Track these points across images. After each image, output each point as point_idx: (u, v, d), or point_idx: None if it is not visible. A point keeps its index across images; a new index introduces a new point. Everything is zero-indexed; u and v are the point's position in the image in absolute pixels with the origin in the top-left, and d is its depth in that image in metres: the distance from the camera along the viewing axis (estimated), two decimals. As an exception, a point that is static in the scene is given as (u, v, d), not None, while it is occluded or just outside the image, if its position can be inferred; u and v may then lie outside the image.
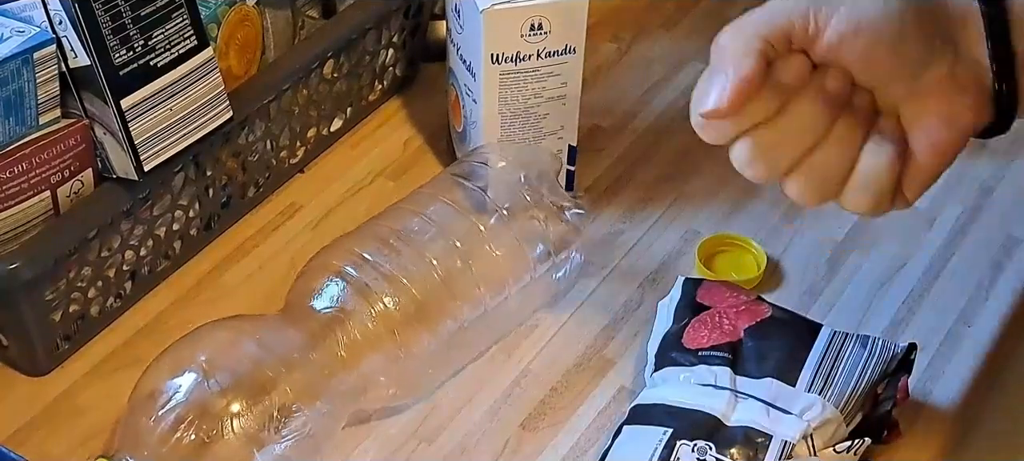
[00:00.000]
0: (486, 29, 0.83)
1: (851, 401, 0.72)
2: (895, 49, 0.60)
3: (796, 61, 0.60)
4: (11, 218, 0.76)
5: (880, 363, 0.74)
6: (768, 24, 0.60)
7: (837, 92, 0.60)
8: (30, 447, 0.74)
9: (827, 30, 0.59)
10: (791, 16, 0.59)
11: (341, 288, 0.74)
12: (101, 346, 0.81)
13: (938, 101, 0.60)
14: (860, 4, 0.59)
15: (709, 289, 0.79)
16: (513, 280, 0.79)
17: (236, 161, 0.88)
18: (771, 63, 0.60)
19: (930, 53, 0.60)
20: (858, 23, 0.59)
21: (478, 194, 0.80)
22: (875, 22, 0.59)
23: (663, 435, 0.71)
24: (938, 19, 0.60)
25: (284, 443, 0.69)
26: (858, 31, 0.59)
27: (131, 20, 0.74)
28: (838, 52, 0.60)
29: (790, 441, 0.70)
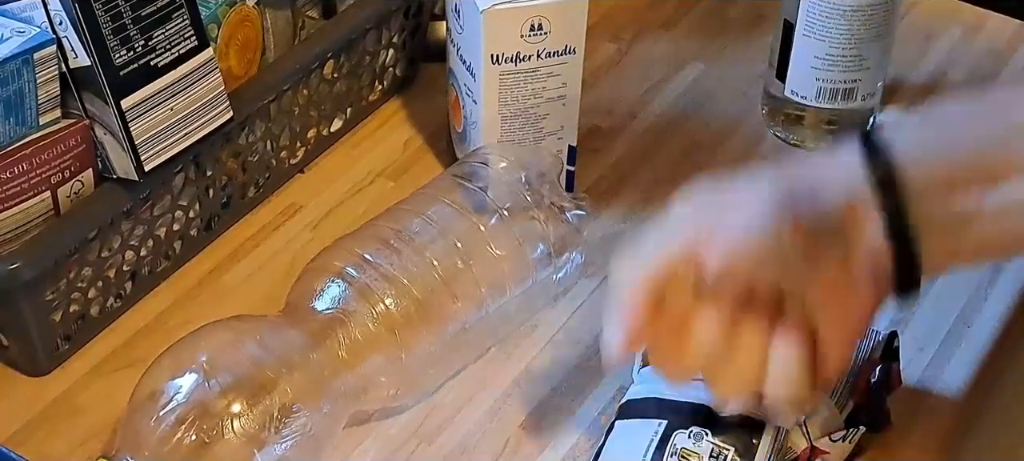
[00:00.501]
0: (486, 29, 0.83)
1: (839, 386, 0.72)
2: (780, 264, 0.60)
3: (683, 295, 0.61)
4: (11, 218, 0.76)
5: (863, 349, 0.74)
6: (653, 265, 0.61)
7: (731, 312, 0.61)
8: (30, 447, 0.74)
9: (707, 266, 0.60)
10: (673, 256, 0.61)
11: (342, 289, 0.74)
12: (101, 346, 0.81)
13: (837, 291, 0.61)
14: (735, 233, 0.60)
15: None
16: (513, 281, 0.79)
17: (236, 161, 0.88)
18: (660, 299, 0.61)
19: (819, 254, 0.60)
20: (737, 254, 0.60)
21: (479, 195, 0.80)
22: (754, 248, 0.60)
23: (658, 427, 0.71)
24: (822, 219, 0.59)
25: (284, 443, 0.69)
26: (739, 261, 0.60)
27: (131, 20, 0.74)
28: (721, 281, 0.61)
29: (784, 428, 0.70)
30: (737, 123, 1.00)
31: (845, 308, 0.61)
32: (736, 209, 0.60)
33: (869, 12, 0.91)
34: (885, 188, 0.59)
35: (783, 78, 0.95)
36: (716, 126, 1.00)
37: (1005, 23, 1.11)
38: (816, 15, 0.91)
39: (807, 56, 0.93)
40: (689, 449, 0.70)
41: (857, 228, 0.59)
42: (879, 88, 0.96)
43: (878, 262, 0.60)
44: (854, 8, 0.90)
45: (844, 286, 0.60)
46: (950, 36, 1.10)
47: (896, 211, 0.59)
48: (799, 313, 0.61)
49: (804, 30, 0.92)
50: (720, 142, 0.99)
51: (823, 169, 0.61)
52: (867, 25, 0.91)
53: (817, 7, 0.91)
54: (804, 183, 0.60)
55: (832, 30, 0.91)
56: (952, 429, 0.77)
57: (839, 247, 0.60)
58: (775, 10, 0.95)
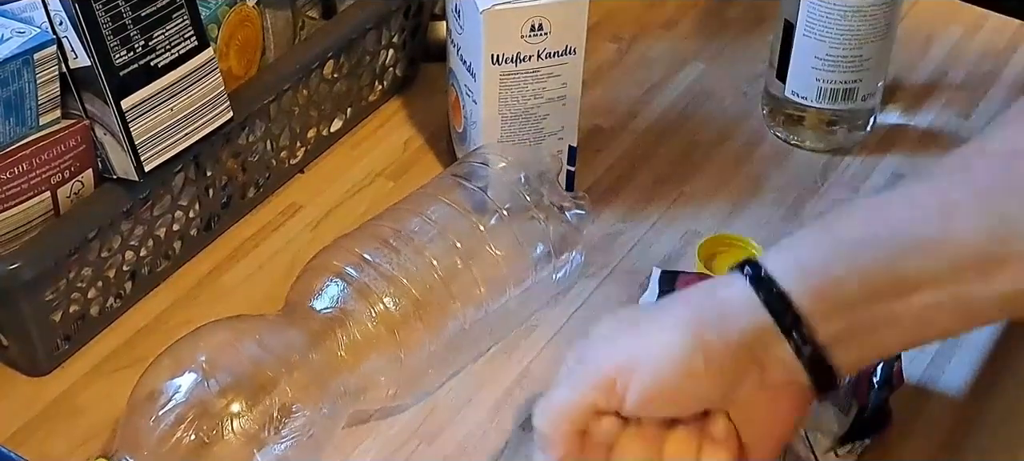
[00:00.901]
0: (486, 29, 0.83)
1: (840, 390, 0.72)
2: (695, 398, 0.62)
3: (606, 422, 0.63)
4: (11, 218, 0.76)
5: None
6: (573, 410, 0.63)
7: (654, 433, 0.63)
8: (30, 447, 0.74)
9: (626, 403, 0.62)
10: (591, 400, 0.63)
11: (341, 288, 0.74)
12: (101, 346, 0.81)
13: (756, 410, 0.63)
14: (650, 371, 0.62)
15: (688, 282, 0.80)
16: (513, 281, 0.79)
17: (236, 161, 0.88)
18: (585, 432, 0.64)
19: (734, 381, 0.62)
20: (651, 391, 0.62)
21: (478, 194, 0.80)
22: (667, 384, 0.62)
23: None
24: (731, 352, 0.61)
25: (284, 443, 0.69)
26: (653, 398, 0.62)
27: (131, 21, 0.74)
28: (641, 414, 0.63)
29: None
30: (737, 123, 1.00)
31: (767, 422, 0.63)
32: (650, 351, 0.62)
33: (869, 12, 0.91)
34: (783, 316, 0.60)
35: (783, 78, 0.95)
36: (716, 126, 1.00)
37: (1005, 23, 1.11)
38: (816, 15, 0.91)
39: (807, 56, 0.93)
40: None
41: (767, 350, 0.61)
42: (879, 88, 0.96)
43: (794, 377, 0.61)
44: (854, 8, 0.90)
45: (764, 402, 0.62)
46: (950, 36, 1.10)
47: (800, 334, 0.60)
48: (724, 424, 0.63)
49: (804, 30, 0.92)
50: (720, 142, 0.99)
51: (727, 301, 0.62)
52: (867, 25, 0.91)
53: (817, 7, 0.91)
54: (711, 317, 0.62)
55: (832, 30, 0.91)
56: (952, 429, 0.77)
57: (754, 371, 0.61)
58: (775, 10, 0.95)
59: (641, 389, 0.62)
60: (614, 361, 0.63)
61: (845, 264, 0.61)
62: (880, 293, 0.60)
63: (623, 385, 0.62)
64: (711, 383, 0.61)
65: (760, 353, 0.61)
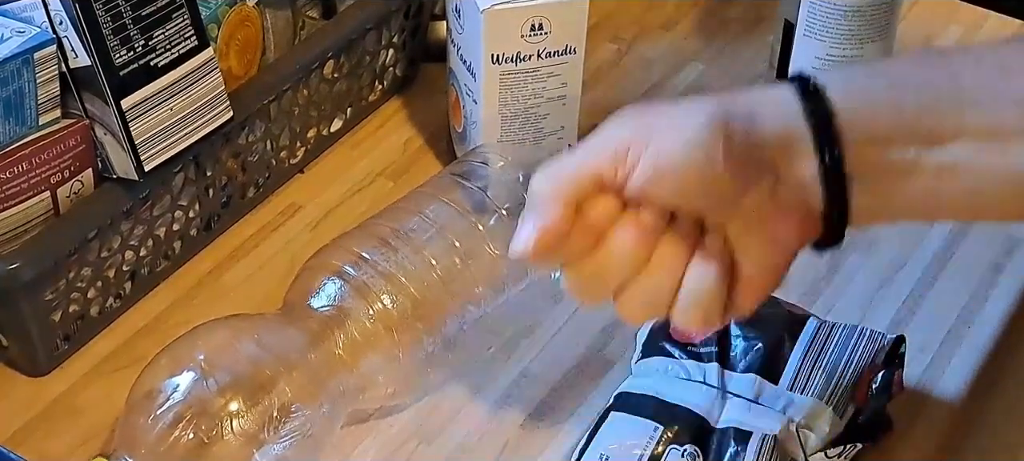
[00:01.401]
0: (486, 29, 0.83)
1: (838, 391, 0.72)
2: (702, 186, 0.59)
3: (603, 203, 0.60)
4: (11, 218, 0.76)
5: (866, 354, 0.74)
6: (574, 172, 0.60)
7: (654, 224, 0.60)
8: (30, 447, 0.74)
9: (632, 176, 0.59)
10: (599, 165, 0.60)
11: (340, 287, 0.74)
12: (101, 346, 0.81)
13: (761, 225, 0.60)
14: (665, 146, 0.58)
15: None
16: (512, 280, 0.79)
17: (236, 161, 0.88)
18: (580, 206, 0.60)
19: (746, 182, 0.58)
20: (662, 167, 0.58)
21: (477, 194, 0.80)
22: (679, 163, 0.58)
23: (654, 431, 0.71)
24: (754, 148, 0.58)
25: (283, 443, 0.69)
26: (662, 175, 0.59)
27: (131, 20, 0.74)
28: (645, 194, 0.59)
29: (770, 434, 0.70)
30: (737, 123, 1.00)
31: (768, 241, 0.60)
32: (670, 127, 0.59)
33: (869, 13, 0.91)
34: (822, 131, 0.58)
35: (783, 78, 0.95)
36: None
37: (1005, 23, 1.11)
38: (816, 16, 0.91)
39: (807, 57, 0.93)
40: None
41: (790, 162, 0.58)
42: (879, 88, 0.96)
43: (807, 201, 0.59)
44: (854, 9, 0.90)
45: (769, 218, 0.59)
46: (950, 36, 1.10)
47: (831, 154, 0.58)
48: (719, 243, 0.60)
49: (804, 30, 0.92)
50: (720, 142, 0.98)
51: (762, 101, 0.59)
52: (867, 26, 0.91)
53: (817, 7, 0.91)
54: (742, 110, 0.59)
55: (832, 31, 0.91)
56: (952, 430, 0.77)
57: (769, 178, 0.58)
58: (775, 10, 0.95)
59: (654, 161, 0.58)
60: (628, 131, 0.59)
61: (893, 99, 0.58)
62: (919, 134, 0.57)
63: (635, 155, 0.58)
64: (725, 174, 0.58)
65: (782, 162, 0.58)
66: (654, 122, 0.60)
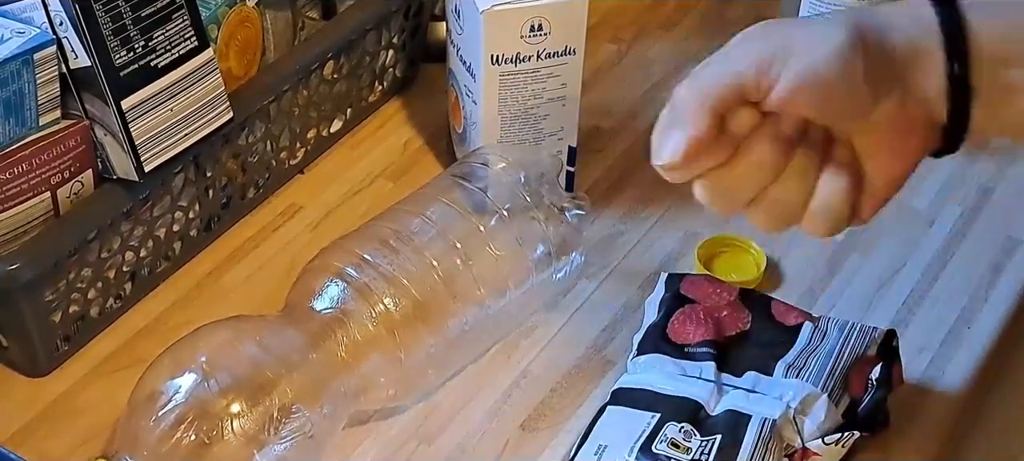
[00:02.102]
0: (486, 30, 0.83)
1: (832, 379, 0.73)
2: (843, 97, 0.61)
3: (746, 114, 0.62)
4: (11, 219, 0.76)
5: (858, 345, 0.75)
6: (719, 83, 0.62)
7: (789, 135, 0.62)
8: (30, 447, 0.74)
9: (776, 88, 0.61)
10: (742, 76, 0.61)
11: (341, 289, 0.74)
12: (101, 347, 0.81)
13: (889, 135, 0.62)
14: (807, 59, 0.60)
15: (693, 283, 0.80)
16: (513, 281, 0.79)
17: (236, 162, 0.88)
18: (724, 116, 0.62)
19: (878, 94, 0.61)
20: (805, 79, 0.60)
21: (478, 195, 0.80)
22: (822, 76, 0.60)
23: (651, 419, 0.72)
24: (886, 61, 0.61)
25: (284, 444, 0.69)
26: (805, 87, 0.60)
27: (131, 21, 0.74)
28: (787, 105, 0.61)
29: (770, 418, 0.71)
30: (737, 123, 1.00)
31: (894, 151, 0.63)
32: (810, 41, 0.61)
33: (869, 12, 0.91)
34: (953, 44, 0.60)
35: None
36: (716, 126, 1.00)
37: (1005, 23, 1.11)
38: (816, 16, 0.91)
39: (807, 56, 0.93)
40: (678, 440, 0.71)
41: (918, 76, 0.61)
42: (879, 88, 0.96)
43: (931, 112, 0.61)
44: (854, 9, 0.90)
45: (897, 129, 0.62)
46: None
47: (960, 68, 0.60)
48: (847, 153, 0.62)
49: (804, 30, 0.92)
50: (720, 142, 0.98)
51: (896, 12, 0.61)
52: (867, 25, 0.91)
53: (817, 8, 0.91)
54: (873, 22, 0.61)
55: (832, 30, 0.91)
56: (952, 429, 0.77)
57: (898, 90, 0.61)
58: (775, 10, 0.95)
59: (796, 74, 0.60)
60: (770, 44, 0.61)
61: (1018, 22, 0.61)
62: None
63: (777, 69, 0.60)
64: (863, 86, 0.60)
65: (912, 73, 0.61)
66: (794, 35, 0.61)
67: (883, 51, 0.60)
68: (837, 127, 0.63)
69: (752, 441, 0.71)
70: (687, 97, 0.62)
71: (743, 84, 0.61)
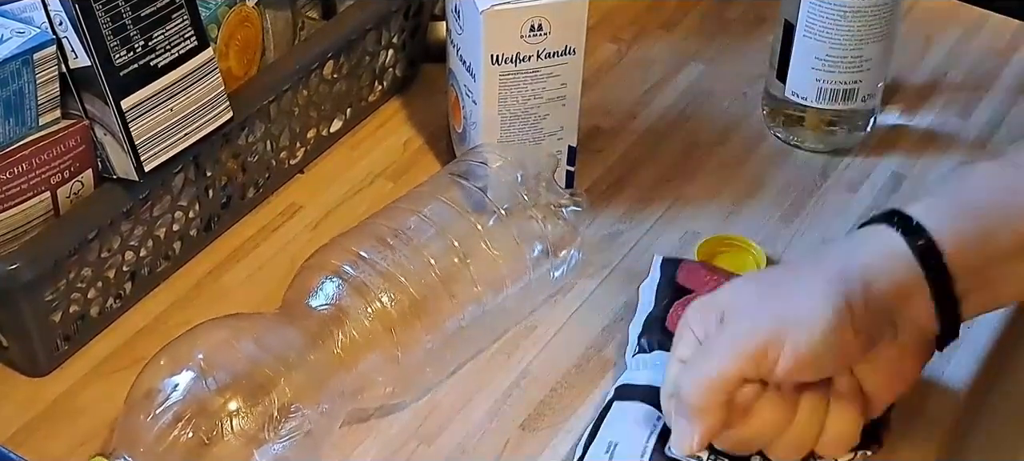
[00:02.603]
0: (486, 30, 0.83)
1: None
2: (840, 361, 0.65)
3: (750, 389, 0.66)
4: (11, 219, 0.76)
5: None
6: (722, 378, 0.65)
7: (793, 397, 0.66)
8: (30, 447, 0.74)
9: (776, 370, 0.64)
10: (743, 369, 0.65)
11: (338, 287, 0.74)
12: (101, 347, 0.81)
13: (886, 365, 0.66)
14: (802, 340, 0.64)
15: (689, 270, 0.80)
16: (511, 279, 0.79)
17: (236, 162, 0.88)
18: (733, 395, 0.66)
19: (873, 343, 0.65)
20: (802, 359, 0.64)
21: (476, 193, 0.80)
22: (818, 353, 0.64)
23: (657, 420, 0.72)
24: (875, 314, 0.64)
25: (283, 442, 0.69)
26: (804, 365, 0.64)
27: (131, 21, 0.74)
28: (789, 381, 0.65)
29: None
30: (737, 123, 1.00)
31: (893, 377, 0.67)
32: (800, 320, 0.64)
33: (870, 13, 0.91)
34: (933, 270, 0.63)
35: (783, 79, 0.95)
36: (716, 126, 1.00)
37: (1005, 23, 1.11)
38: (816, 16, 0.91)
39: (807, 57, 0.93)
40: None
41: (907, 315, 0.64)
42: (879, 89, 0.96)
43: (925, 334, 0.65)
44: (855, 9, 0.90)
45: (894, 361, 0.65)
46: (950, 36, 1.10)
47: (944, 289, 0.63)
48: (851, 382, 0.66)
49: (804, 31, 0.92)
50: (720, 142, 0.99)
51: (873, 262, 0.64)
52: (868, 26, 0.91)
53: (817, 8, 0.91)
54: (856, 278, 0.64)
55: (833, 31, 0.91)
56: (953, 429, 0.77)
57: (890, 329, 0.64)
58: (775, 10, 0.95)
59: (794, 358, 0.63)
60: (764, 330, 0.64)
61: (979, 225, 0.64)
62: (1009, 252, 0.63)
63: (774, 354, 0.64)
64: (857, 346, 0.63)
65: (902, 314, 0.64)
66: (785, 315, 0.65)
67: (870, 306, 0.63)
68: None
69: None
70: (696, 396, 0.66)
71: (744, 375, 0.65)
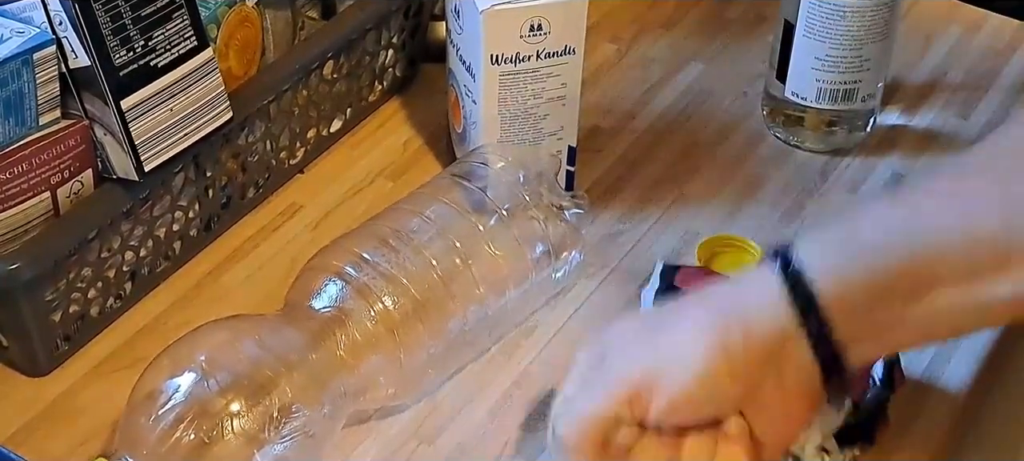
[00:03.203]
0: (486, 30, 0.83)
1: None
2: (718, 404, 0.63)
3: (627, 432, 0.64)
4: (11, 219, 0.76)
5: None
6: (593, 418, 0.64)
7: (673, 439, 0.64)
8: (30, 447, 0.74)
9: (650, 412, 0.63)
10: (616, 410, 0.64)
11: (341, 288, 0.74)
12: (101, 346, 0.81)
13: (772, 409, 0.64)
14: (675, 383, 0.62)
15: (687, 274, 0.80)
16: (513, 281, 0.79)
17: (236, 162, 0.88)
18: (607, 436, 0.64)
19: (753, 385, 0.63)
20: (675, 402, 0.63)
21: (478, 194, 0.80)
22: (692, 396, 0.62)
23: None
24: (755, 355, 0.62)
25: (284, 443, 0.69)
26: (677, 408, 0.63)
27: (131, 21, 0.74)
28: (664, 423, 0.64)
29: None
30: (737, 123, 1.00)
31: (781, 424, 0.64)
32: (674, 361, 0.63)
33: (870, 13, 0.91)
34: (808, 316, 0.61)
35: (783, 78, 0.95)
36: (716, 126, 1.00)
37: (1005, 23, 1.11)
38: (816, 16, 0.91)
39: (807, 57, 0.93)
40: None
41: (787, 354, 0.62)
42: (879, 88, 0.96)
43: (809, 379, 0.62)
44: (854, 9, 0.90)
45: (780, 401, 0.63)
46: (950, 36, 1.10)
47: (821, 335, 0.61)
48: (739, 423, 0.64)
49: (804, 31, 0.92)
50: (720, 142, 0.99)
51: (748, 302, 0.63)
52: (868, 26, 0.91)
53: (817, 8, 0.91)
54: (735, 320, 0.62)
55: (832, 31, 0.91)
56: (952, 429, 0.77)
57: (772, 374, 0.62)
58: (775, 10, 0.95)
59: (667, 400, 0.62)
60: (637, 371, 0.63)
61: (867, 267, 0.61)
62: (899, 294, 0.61)
63: (647, 397, 0.63)
64: (734, 390, 0.62)
65: (779, 356, 0.62)
66: (659, 353, 0.64)
67: (748, 350, 0.62)
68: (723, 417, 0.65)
69: None
70: (569, 434, 0.65)
71: (618, 416, 0.64)
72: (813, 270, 0.61)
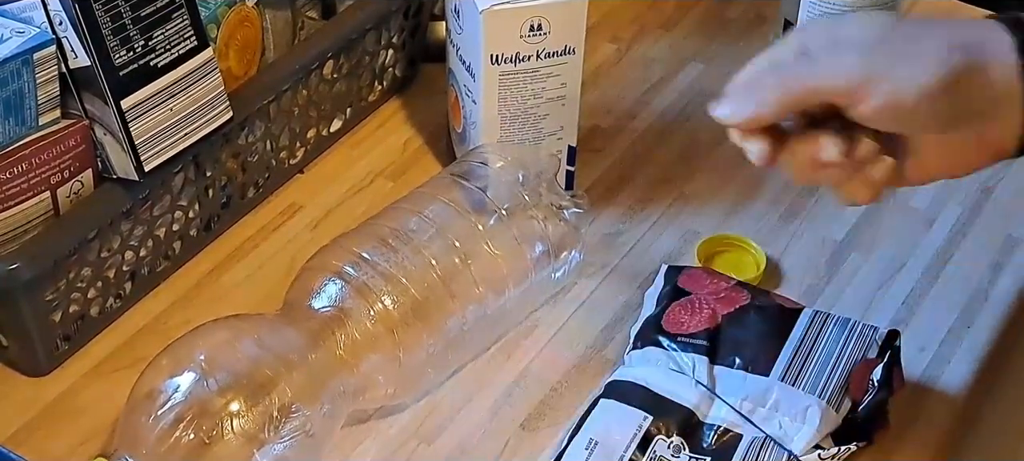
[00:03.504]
0: (486, 30, 0.83)
1: (831, 385, 0.73)
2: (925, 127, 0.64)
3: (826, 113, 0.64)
4: (11, 219, 0.76)
5: (859, 348, 0.75)
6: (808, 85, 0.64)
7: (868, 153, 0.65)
8: (30, 447, 0.74)
9: (862, 106, 0.63)
10: (835, 87, 0.64)
11: (340, 288, 0.74)
12: (101, 346, 0.81)
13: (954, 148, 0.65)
14: (901, 89, 0.63)
15: (691, 275, 0.80)
16: (512, 280, 0.79)
17: (236, 161, 0.88)
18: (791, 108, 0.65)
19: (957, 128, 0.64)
20: (895, 108, 0.63)
21: (477, 194, 0.80)
22: (910, 107, 0.63)
23: (643, 421, 0.73)
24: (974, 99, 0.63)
25: (283, 443, 0.69)
26: (892, 114, 0.63)
27: (131, 21, 0.74)
28: (871, 123, 0.64)
29: (758, 438, 0.72)
30: (737, 123, 1.00)
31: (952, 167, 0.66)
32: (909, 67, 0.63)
33: (869, 12, 0.91)
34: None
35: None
36: (716, 126, 0.99)
37: (1005, 23, 1.11)
38: (816, 16, 0.91)
39: (807, 56, 0.93)
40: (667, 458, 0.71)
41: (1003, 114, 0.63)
42: (879, 88, 0.96)
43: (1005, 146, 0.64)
44: (854, 9, 0.90)
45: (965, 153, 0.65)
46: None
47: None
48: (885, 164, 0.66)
49: (804, 30, 0.92)
50: (720, 142, 0.98)
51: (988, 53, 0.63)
52: (867, 25, 0.91)
53: (817, 8, 0.91)
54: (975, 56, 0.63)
55: (832, 30, 0.91)
56: (952, 429, 0.77)
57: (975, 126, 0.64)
58: (775, 10, 0.95)
59: (887, 103, 0.63)
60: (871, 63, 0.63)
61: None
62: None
63: (870, 90, 0.63)
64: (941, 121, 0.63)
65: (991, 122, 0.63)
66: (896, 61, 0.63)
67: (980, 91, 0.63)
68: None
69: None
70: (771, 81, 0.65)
71: (831, 95, 0.64)
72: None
